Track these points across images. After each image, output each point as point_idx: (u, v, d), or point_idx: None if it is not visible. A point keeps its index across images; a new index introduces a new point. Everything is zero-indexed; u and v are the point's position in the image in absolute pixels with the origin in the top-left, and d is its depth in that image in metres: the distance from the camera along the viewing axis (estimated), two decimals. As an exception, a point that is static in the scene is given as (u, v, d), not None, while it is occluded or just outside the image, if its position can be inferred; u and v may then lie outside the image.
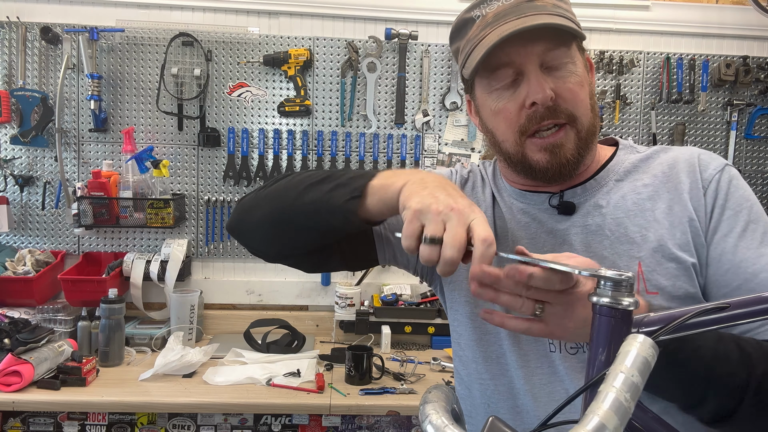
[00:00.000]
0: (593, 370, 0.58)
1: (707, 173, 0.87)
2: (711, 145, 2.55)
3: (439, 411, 0.58)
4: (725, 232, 0.84)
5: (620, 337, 0.55)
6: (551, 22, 0.82)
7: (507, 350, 0.92)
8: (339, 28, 2.47)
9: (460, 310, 0.97)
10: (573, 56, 0.87)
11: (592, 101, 0.89)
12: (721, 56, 2.50)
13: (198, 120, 2.42)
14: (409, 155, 2.49)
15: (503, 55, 0.84)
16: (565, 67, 0.86)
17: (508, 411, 0.92)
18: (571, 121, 0.86)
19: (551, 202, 0.92)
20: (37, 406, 1.79)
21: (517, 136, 0.87)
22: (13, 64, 2.36)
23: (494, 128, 0.91)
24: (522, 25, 0.81)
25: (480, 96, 0.91)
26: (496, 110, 0.88)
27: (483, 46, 0.84)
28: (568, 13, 0.87)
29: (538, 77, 0.84)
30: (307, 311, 2.51)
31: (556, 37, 0.84)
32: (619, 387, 0.47)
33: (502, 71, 0.86)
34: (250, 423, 1.86)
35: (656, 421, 0.59)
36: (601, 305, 0.59)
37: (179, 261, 2.34)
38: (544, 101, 0.83)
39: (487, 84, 0.89)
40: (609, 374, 0.49)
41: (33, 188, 2.40)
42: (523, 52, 0.84)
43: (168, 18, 2.41)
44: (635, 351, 0.50)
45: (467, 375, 0.98)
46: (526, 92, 0.84)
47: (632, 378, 0.48)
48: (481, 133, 0.98)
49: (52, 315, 2.19)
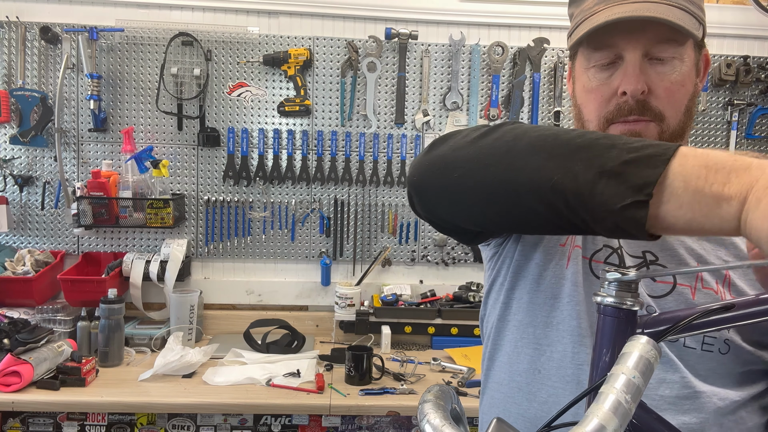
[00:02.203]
0: (597, 371, 0.58)
1: None
2: (711, 145, 2.55)
3: (438, 410, 0.58)
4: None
5: (625, 337, 0.55)
6: (665, 18, 0.79)
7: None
8: (339, 27, 2.47)
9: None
10: (682, 53, 0.83)
11: (690, 103, 0.85)
12: (722, 56, 2.50)
13: (198, 120, 2.41)
14: (409, 155, 2.49)
15: (608, 36, 0.82)
16: (671, 62, 0.82)
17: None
18: (658, 119, 0.83)
19: None
20: (36, 407, 1.78)
21: (602, 121, 0.86)
22: (12, 63, 2.36)
23: (582, 105, 0.90)
24: (634, 12, 0.79)
25: (578, 69, 0.90)
26: (589, 88, 0.87)
27: (591, 22, 0.82)
28: (694, 6, 0.84)
29: (635, 67, 0.81)
30: (307, 311, 2.51)
31: (668, 31, 0.81)
32: (619, 388, 0.47)
33: (604, 51, 0.84)
34: (249, 423, 1.85)
35: (659, 422, 0.58)
36: (606, 305, 0.58)
37: (179, 261, 2.34)
38: (634, 94, 0.81)
39: (587, 59, 0.87)
40: (610, 375, 0.49)
41: (32, 188, 2.40)
42: (630, 38, 0.81)
43: (168, 18, 2.40)
44: (637, 352, 0.50)
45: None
46: (620, 80, 0.83)
47: (633, 379, 0.48)
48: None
49: (52, 315, 2.19)
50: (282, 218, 2.48)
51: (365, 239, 2.51)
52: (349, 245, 2.50)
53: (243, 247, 2.48)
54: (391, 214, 2.50)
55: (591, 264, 0.88)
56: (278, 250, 2.49)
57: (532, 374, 0.89)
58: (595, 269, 0.87)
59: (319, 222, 2.49)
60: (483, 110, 2.48)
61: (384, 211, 2.50)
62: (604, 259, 0.87)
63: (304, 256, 2.50)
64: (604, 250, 0.88)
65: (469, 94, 2.47)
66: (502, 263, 0.95)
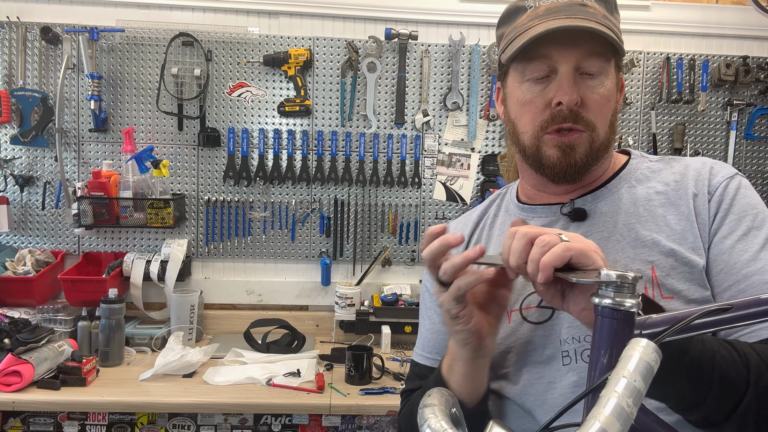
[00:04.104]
0: (595, 373, 0.58)
1: (715, 180, 0.89)
2: (711, 145, 2.55)
3: (438, 415, 0.58)
4: (724, 234, 0.85)
5: (623, 339, 0.55)
6: (598, 29, 0.83)
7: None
8: (339, 28, 2.47)
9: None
10: (608, 70, 0.89)
11: (613, 118, 0.91)
12: (721, 56, 2.50)
13: (198, 120, 2.42)
14: (409, 155, 2.49)
15: (544, 48, 0.86)
16: (598, 77, 0.88)
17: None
18: (590, 129, 0.88)
19: (563, 211, 0.94)
20: (37, 406, 1.79)
21: (537, 130, 0.89)
22: (13, 64, 2.36)
23: (517, 119, 0.93)
24: (570, 23, 0.84)
25: (511, 84, 0.93)
26: (524, 101, 0.90)
27: (527, 35, 0.86)
28: (615, 29, 0.89)
29: (569, 79, 0.86)
30: (307, 311, 2.51)
31: (598, 46, 0.86)
32: (621, 392, 0.47)
33: (538, 63, 0.87)
34: (250, 423, 1.86)
35: (658, 423, 0.59)
36: (603, 307, 0.58)
37: (179, 261, 2.34)
38: (570, 104, 0.85)
39: (521, 73, 0.90)
40: (611, 379, 0.49)
41: (33, 188, 2.40)
42: (563, 51, 0.86)
43: (168, 18, 2.40)
44: (638, 355, 0.49)
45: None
46: (555, 91, 0.86)
47: (635, 383, 0.48)
48: (503, 123, 1.02)
49: (52, 315, 2.19)
50: (282, 218, 2.48)
51: (365, 239, 2.51)
52: (349, 245, 2.51)
53: (243, 247, 2.48)
54: (391, 214, 2.50)
55: (522, 312, 0.91)
56: (278, 250, 2.49)
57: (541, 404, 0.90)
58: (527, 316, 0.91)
59: (319, 222, 2.49)
60: (483, 110, 2.48)
61: (384, 211, 2.50)
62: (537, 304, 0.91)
63: (304, 256, 2.50)
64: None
65: (469, 94, 2.47)
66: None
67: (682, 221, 0.87)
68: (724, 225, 0.85)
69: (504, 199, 1.06)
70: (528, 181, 0.99)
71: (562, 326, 0.88)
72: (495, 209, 1.06)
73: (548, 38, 0.84)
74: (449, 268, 0.74)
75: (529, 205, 0.99)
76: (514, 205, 1.01)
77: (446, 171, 2.51)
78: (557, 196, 0.96)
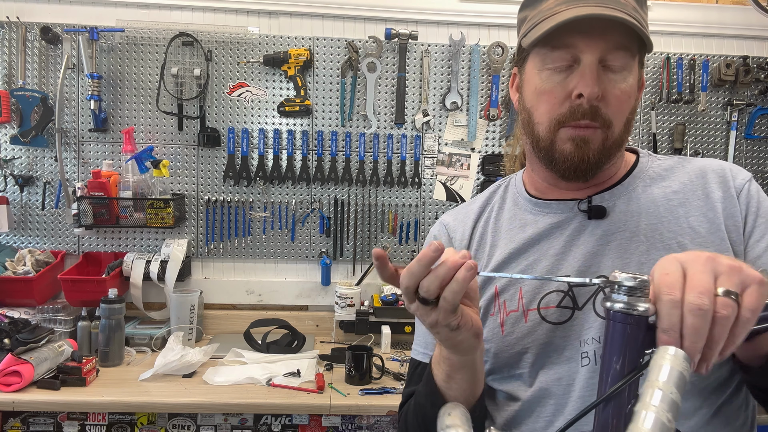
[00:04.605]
0: (608, 380, 0.55)
1: (737, 181, 0.87)
2: (711, 145, 2.55)
3: None
4: (758, 238, 0.84)
5: (636, 345, 0.52)
6: (629, 20, 0.79)
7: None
8: (339, 28, 2.47)
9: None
10: (632, 66, 0.85)
11: (630, 116, 0.87)
12: (721, 56, 2.50)
13: (198, 120, 2.42)
14: (409, 155, 2.49)
15: (569, 36, 0.82)
16: (621, 72, 0.84)
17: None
18: (606, 126, 0.84)
19: (580, 207, 0.90)
20: (37, 406, 1.79)
21: (553, 123, 0.86)
22: (13, 64, 2.36)
23: (533, 108, 0.88)
24: (601, 12, 0.79)
25: (529, 71, 0.89)
26: (542, 90, 0.86)
27: (554, 20, 0.82)
28: (644, 22, 0.85)
29: (593, 70, 0.82)
30: (307, 311, 2.51)
31: (625, 39, 0.82)
32: (659, 406, 0.44)
33: (561, 52, 0.84)
34: (250, 423, 1.86)
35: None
36: (615, 311, 0.55)
37: (179, 261, 2.34)
38: (591, 97, 0.82)
39: (542, 60, 0.86)
40: (644, 391, 0.46)
41: (33, 188, 2.40)
42: (589, 41, 0.82)
43: (168, 18, 2.40)
44: (668, 365, 0.46)
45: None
46: (576, 82, 0.83)
47: (671, 395, 0.45)
48: (517, 111, 0.96)
49: (52, 315, 2.19)
50: (282, 218, 2.48)
51: (365, 239, 2.51)
52: (349, 245, 2.51)
53: (243, 247, 2.48)
54: (391, 214, 2.50)
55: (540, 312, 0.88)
56: (278, 250, 2.49)
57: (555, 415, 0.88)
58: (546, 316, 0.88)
59: (319, 222, 2.49)
60: (483, 110, 2.48)
61: (384, 211, 2.50)
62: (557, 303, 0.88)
63: (304, 256, 2.50)
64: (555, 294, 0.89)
65: (469, 94, 2.47)
66: None
67: (705, 223, 0.85)
68: (756, 228, 0.84)
69: (508, 191, 1.02)
70: (539, 174, 0.95)
71: (582, 326, 0.85)
72: (499, 200, 1.01)
73: (575, 26, 0.80)
74: (434, 282, 0.66)
75: (542, 200, 0.95)
76: (524, 199, 0.97)
77: (446, 171, 2.51)
78: (571, 192, 0.92)
